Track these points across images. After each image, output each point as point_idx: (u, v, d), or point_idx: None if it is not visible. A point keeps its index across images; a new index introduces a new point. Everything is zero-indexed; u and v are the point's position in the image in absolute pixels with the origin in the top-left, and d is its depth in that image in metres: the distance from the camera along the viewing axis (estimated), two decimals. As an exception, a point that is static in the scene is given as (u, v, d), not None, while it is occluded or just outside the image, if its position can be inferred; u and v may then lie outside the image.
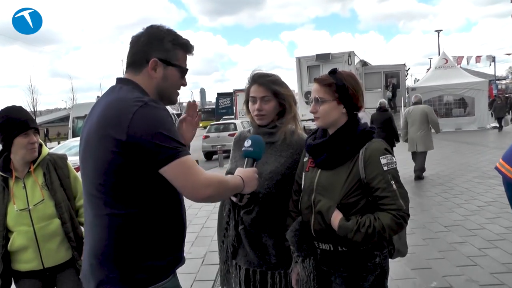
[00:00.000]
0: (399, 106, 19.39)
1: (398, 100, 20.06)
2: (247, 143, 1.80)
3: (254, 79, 2.02)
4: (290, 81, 22.19)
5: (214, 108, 41.18)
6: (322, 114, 1.80)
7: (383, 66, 22.01)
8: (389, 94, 20.22)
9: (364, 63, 21.15)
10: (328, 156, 1.79)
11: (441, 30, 36.36)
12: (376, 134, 1.82)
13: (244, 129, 2.47)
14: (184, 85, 1.64)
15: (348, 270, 1.78)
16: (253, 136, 1.87)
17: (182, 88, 1.65)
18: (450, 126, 19.18)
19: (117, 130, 1.37)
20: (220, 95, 39.30)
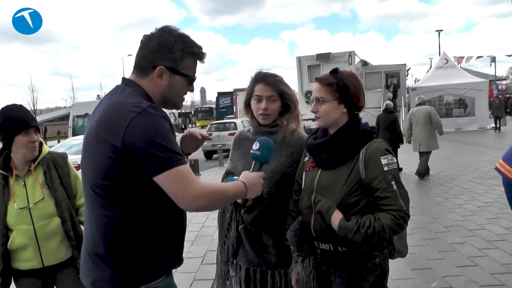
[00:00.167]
0: (399, 106, 19.36)
1: (399, 100, 20.04)
2: (255, 146, 1.76)
3: (261, 78, 2.00)
4: (291, 80, 22.19)
5: (212, 107, 41.16)
6: (323, 113, 1.79)
7: (384, 66, 21.95)
8: (390, 94, 20.17)
9: (364, 63, 21.12)
10: (328, 156, 1.78)
11: (441, 30, 36.38)
12: (382, 135, 1.82)
13: (244, 128, 2.47)
14: (191, 91, 1.62)
15: (348, 270, 1.78)
16: (261, 138, 1.81)
17: None
18: (450, 126, 19.14)
19: (113, 136, 1.37)
20: (220, 95, 39.29)
